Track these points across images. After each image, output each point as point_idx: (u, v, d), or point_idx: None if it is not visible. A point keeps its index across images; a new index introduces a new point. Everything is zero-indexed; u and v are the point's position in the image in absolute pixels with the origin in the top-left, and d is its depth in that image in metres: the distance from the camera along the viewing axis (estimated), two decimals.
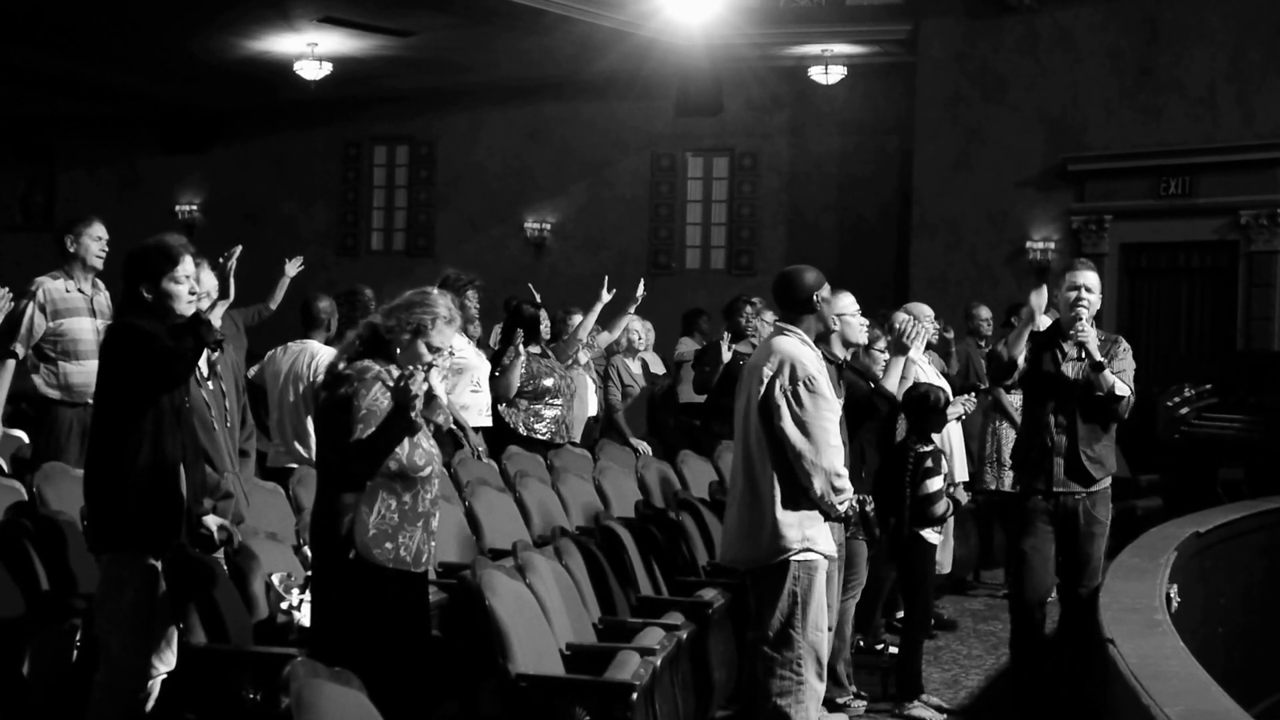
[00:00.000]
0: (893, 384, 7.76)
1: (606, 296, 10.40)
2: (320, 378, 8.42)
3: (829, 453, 5.96)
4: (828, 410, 6.01)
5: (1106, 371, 7.13)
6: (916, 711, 7.54)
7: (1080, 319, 7.13)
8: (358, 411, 5.03)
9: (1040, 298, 7.29)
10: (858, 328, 7.21)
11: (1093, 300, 7.22)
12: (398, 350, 5.20)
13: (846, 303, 7.15)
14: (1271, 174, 16.12)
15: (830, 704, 7.09)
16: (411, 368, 5.04)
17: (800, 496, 5.96)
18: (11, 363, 7.60)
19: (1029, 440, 7.46)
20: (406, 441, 5.10)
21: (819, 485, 5.92)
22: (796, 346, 6.10)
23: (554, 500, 8.50)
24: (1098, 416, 7.30)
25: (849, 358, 7.29)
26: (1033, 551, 7.34)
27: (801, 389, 5.97)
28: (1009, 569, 7.75)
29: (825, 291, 6.28)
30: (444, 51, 19.71)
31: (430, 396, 5.07)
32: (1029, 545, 7.35)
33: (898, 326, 8.00)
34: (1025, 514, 7.42)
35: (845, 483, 6.03)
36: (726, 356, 10.50)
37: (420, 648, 5.23)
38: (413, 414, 4.96)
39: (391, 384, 5.07)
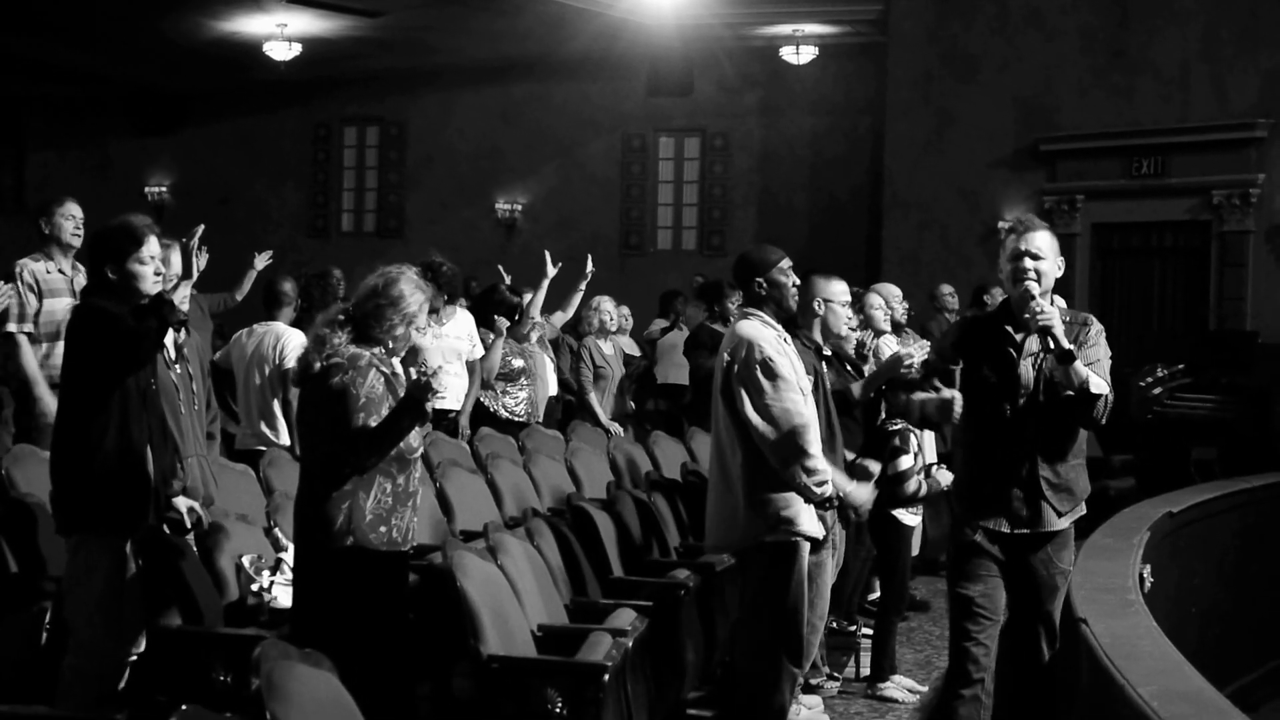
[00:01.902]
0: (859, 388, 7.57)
1: (552, 271, 10.59)
2: (289, 362, 8.47)
3: (793, 432, 5.92)
4: (788, 390, 5.92)
5: (1078, 363, 5.47)
6: (889, 692, 7.56)
7: (1032, 296, 5.53)
8: (356, 400, 5.06)
9: (911, 351, 6.63)
10: (840, 316, 7.05)
11: (1044, 269, 5.64)
12: (388, 338, 5.21)
13: (836, 289, 7.03)
14: (1244, 154, 16.18)
15: (804, 685, 7.08)
16: (427, 363, 5.09)
17: (772, 478, 5.93)
18: (23, 339, 7.55)
19: (973, 468, 5.85)
20: None
21: (786, 465, 5.88)
22: (755, 329, 6.03)
23: (525, 481, 8.48)
24: (1063, 427, 5.67)
25: (830, 351, 7.12)
26: (984, 599, 5.79)
27: (758, 372, 5.91)
28: (952, 620, 5.93)
29: (776, 272, 6.14)
30: (414, 32, 19.64)
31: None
32: (978, 593, 5.78)
33: (868, 311, 7.98)
34: (966, 552, 5.83)
35: (818, 463, 5.94)
36: None
37: (403, 628, 5.25)
38: (427, 405, 5.02)
39: (387, 371, 5.15)
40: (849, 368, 7.39)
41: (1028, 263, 5.62)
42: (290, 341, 8.70)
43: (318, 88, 22.31)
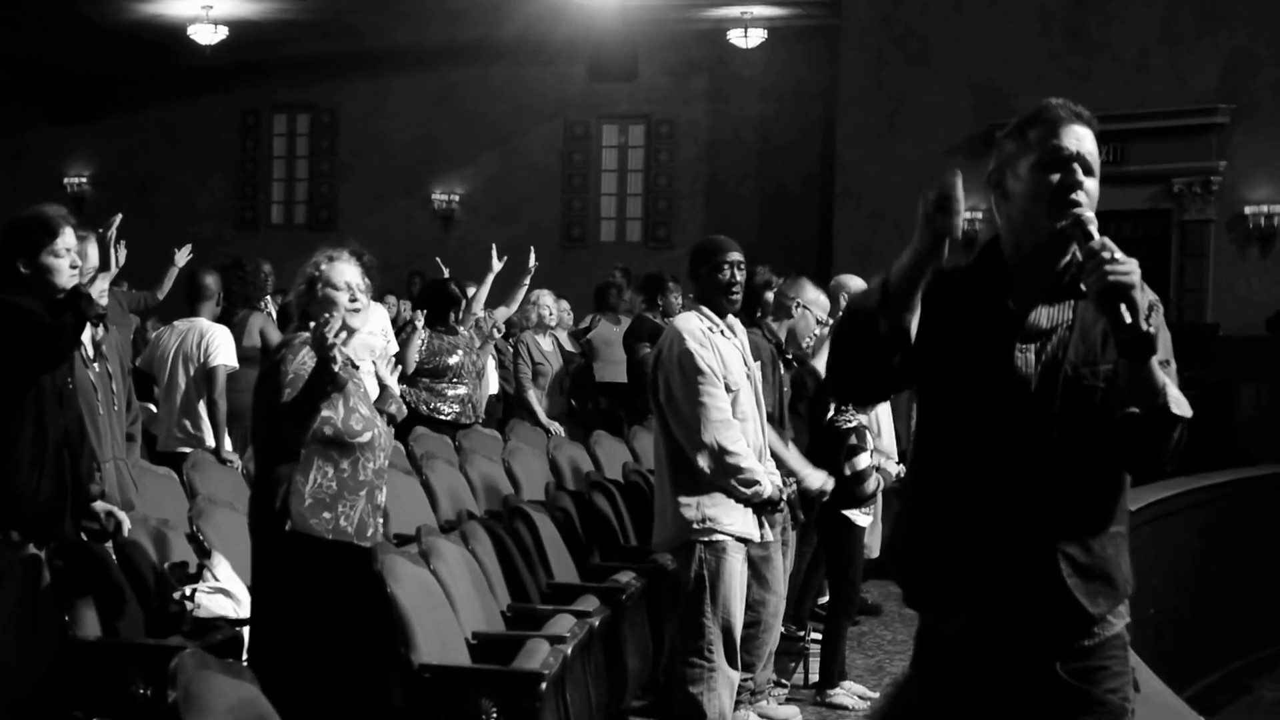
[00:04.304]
0: (821, 361, 7.72)
1: (497, 265, 10.59)
2: (215, 360, 8.45)
3: (712, 429, 5.95)
4: (710, 386, 5.97)
5: (1155, 361, 3.14)
6: (839, 699, 7.58)
7: (1089, 232, 3.18)
8: (285, 376, 5.14)
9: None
10: (810, 326, 7.14)
11: (1093, 191, 3.33)
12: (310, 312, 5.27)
13: (819, 300, 7.16)
14: (1205, 140, 16.32)
15: (769, 692, 7.12)
16: (327, 315, 5.09)
17: (697, 476, 5.98)
18: None
19: (927, 531, 3.48)
20: (341, 406, 5.23)
21: (705, 462, 5.93)
22: (688, 323, 6.12)
23: (462, 483, 8.47)
24: (1096, 467, 3.34)
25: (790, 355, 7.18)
26: None
27: (678, 366, 5.98)
28: None
29: (724, 263, 6.19)
30: (347, 15, 19.59)
31: (382, 386, 5.44)
32: None
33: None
34: (912, 693, 3.73)
35: (742, 461, 6.00)
36: None
37: (350, 626, 5.25)
38: (335, 366, 5.01)
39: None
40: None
41: (1078, 174, 3.29)
42: (215, 338, 8.67)
43: (245, 73, 22.18)
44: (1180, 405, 3.20)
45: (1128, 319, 3.08)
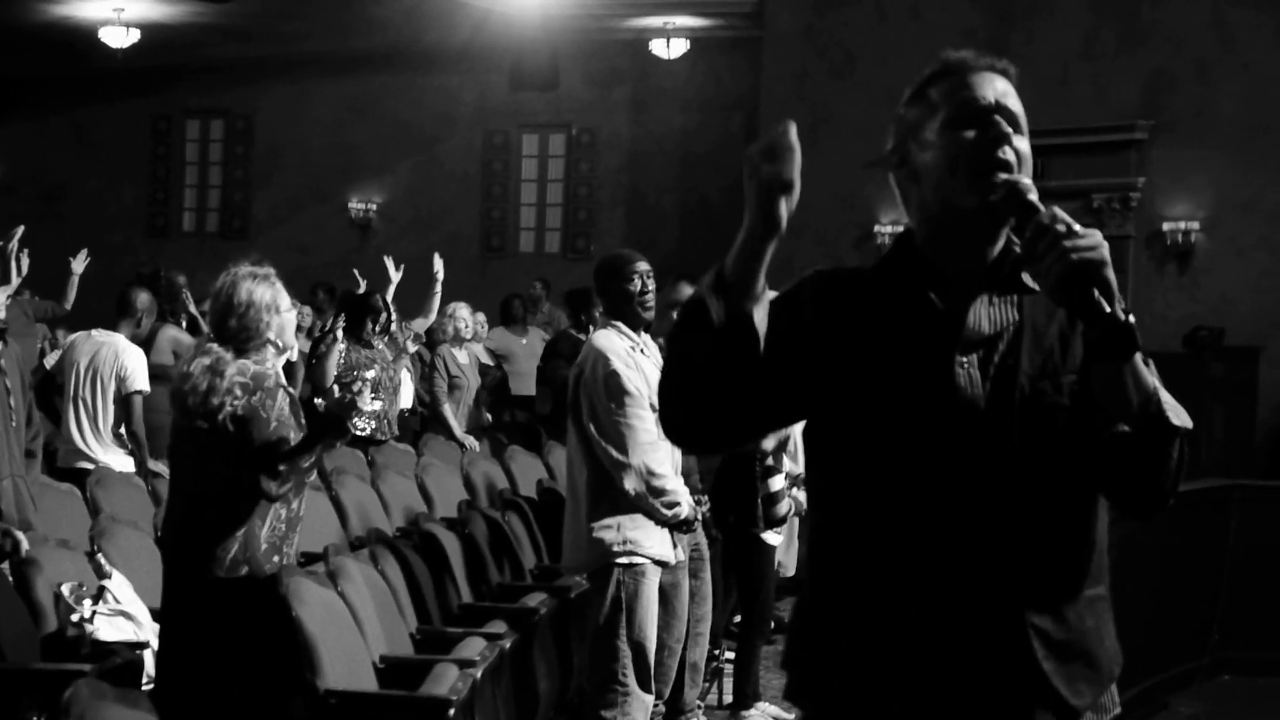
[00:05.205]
0: None
1: (396, 276, 10.62)
2: (132, 383, 8.33)
3: (640, 451, 5.94)
4: (635, 407, 5.96)
5: (1139, 359, 2.47)
6: (754, 719, 7.59)
7: (1026, 191, 2.58)
8: (267, 424, 5.05)
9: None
10: None
11: (1024, 151, 2.71)
12: (266, 339, 5.20)
13: None
14: (1124, 156, 16.46)
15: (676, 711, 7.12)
16: (359, 382, 5.15)
17: (617, 498, 5.96)
18: None
19: (833, 606, 2.68)
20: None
21: (631, 485, 5.92)
22: (607, 340, 6.09)
23: (373, 500, 8.43)
24: (1067, 509, 2.63)
25: None
26: None
27: (603, 387, 5.96)
28: None
29: (633, 275, 6.17)
30: (263, 19, 19.43)
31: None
32: None
33: None
34: None
35: (668, 483, 5.99)
36: None
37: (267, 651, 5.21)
38: (354, 432, 5.05)
39: (293, 392, 5.31)
40: None
41: (1002, 125, 2.68)
42: (131, 361, 8.56)
43: (158, 77, 21.93)
44: (1178, 413, 2.50)
45: (1105, 307, 2.37)
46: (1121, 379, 2.44)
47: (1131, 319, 2.40)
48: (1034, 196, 2.54)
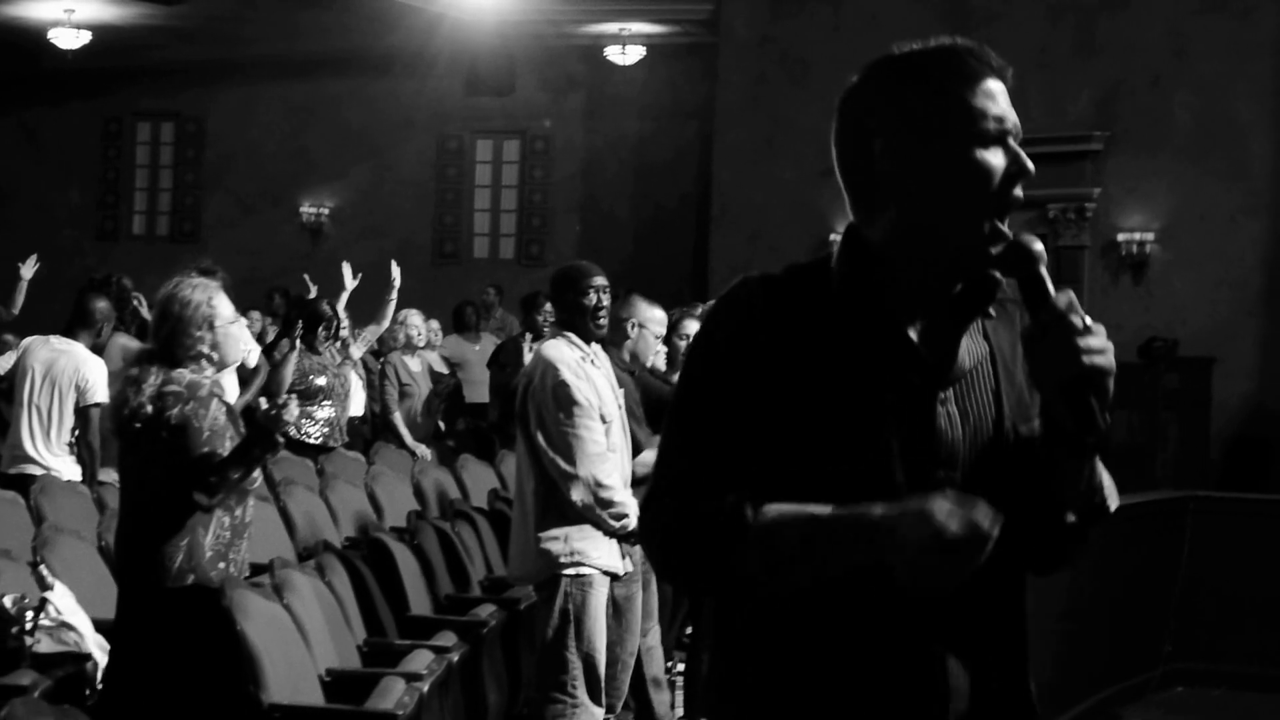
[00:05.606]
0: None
1: (351, 283, 10.60)
2: (93, 395, 8.23)
3: (588, 462, 5.91)
4: (584, 418, 5.93)
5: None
6: None
7: (1039, 260, 2.30)
8: (200, 434, 5.00)
9: None
10: (651, 345, 7.09)
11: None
12: (199, 351, 5.14)
13: (654, 316, 7.09)
14: (1080, 166, 16.52)
15: None
16: (286, 395, 5.15)
17: (565, 508, 5.93)
18: None
19: (762, 669, 2.31)
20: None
21: (578, 496, 5.88)
22: (557, 350, 6.07)
23: (321, 510, 8.37)
24: (1008, 570, 2.32)
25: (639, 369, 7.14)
26: None
27: (551, 397, 5.93)
28: None
29: (589, 289, 6.14)
30: (215, 22, 19.35)
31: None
32: None
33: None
34: None
35: (616, 494, 5.95)
36: (528, 357, 10.47)
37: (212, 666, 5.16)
38: (281, 441, 5.03)
39: (229, 401, 5.25)
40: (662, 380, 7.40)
41: (1025, 159, 2.42)
42: (92, 373, 8.43)
43: (108, 79, 21.79)
44: (1114, 497, 2.40)
45: (1099, 420, 2.16)
46: (1081, 473, 2.28)
47: (1107, 418, 2.18)
48: (1044, 268, 2.25)
